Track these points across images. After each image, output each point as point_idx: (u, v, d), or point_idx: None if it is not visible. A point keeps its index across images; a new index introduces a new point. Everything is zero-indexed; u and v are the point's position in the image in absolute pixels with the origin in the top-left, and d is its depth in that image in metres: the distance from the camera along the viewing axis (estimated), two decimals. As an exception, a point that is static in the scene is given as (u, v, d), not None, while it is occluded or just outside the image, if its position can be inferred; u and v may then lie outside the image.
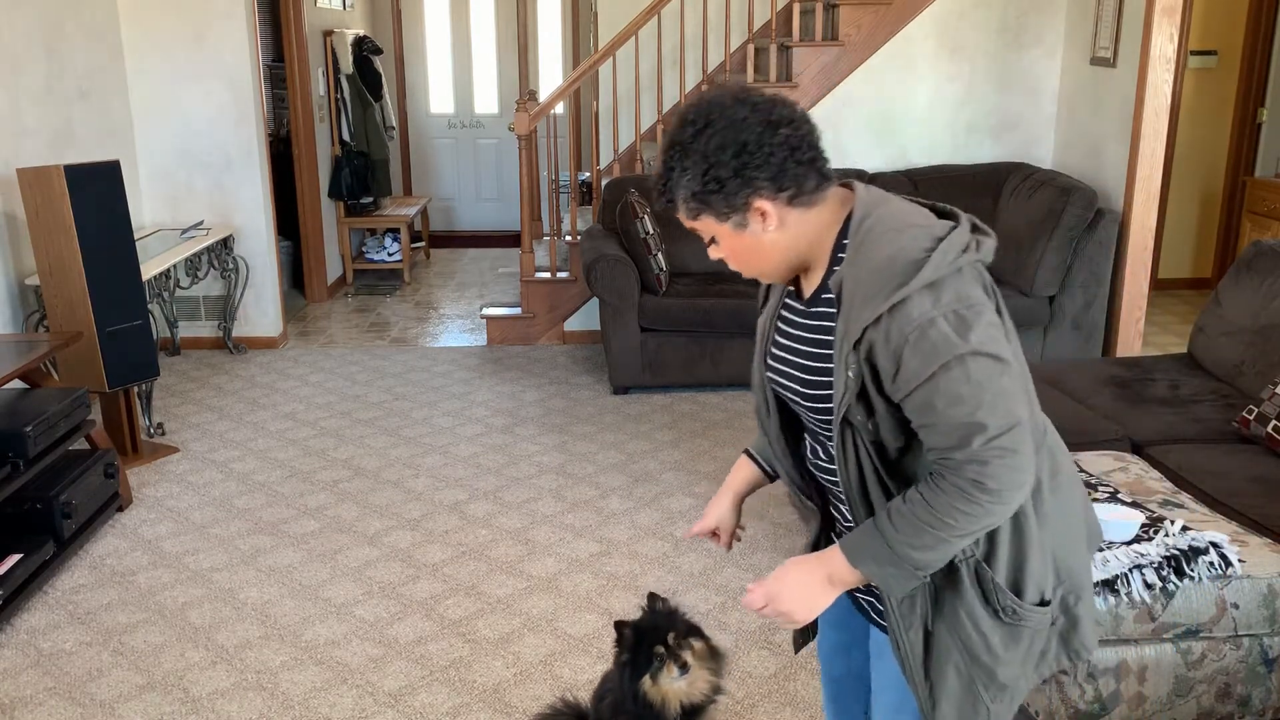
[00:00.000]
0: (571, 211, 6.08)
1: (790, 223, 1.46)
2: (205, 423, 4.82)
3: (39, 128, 4.65)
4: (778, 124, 1.41)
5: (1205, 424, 3.38)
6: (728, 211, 1.44)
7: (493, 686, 2.86)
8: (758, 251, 1.48)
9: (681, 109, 1.48)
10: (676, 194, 1.47)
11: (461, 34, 9.07)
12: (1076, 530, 1.60)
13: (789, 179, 1.42)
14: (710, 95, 1.46)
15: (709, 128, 1.42)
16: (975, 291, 1.39)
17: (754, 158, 1.40)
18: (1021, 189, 5.31)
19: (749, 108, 1.42)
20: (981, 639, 1.50)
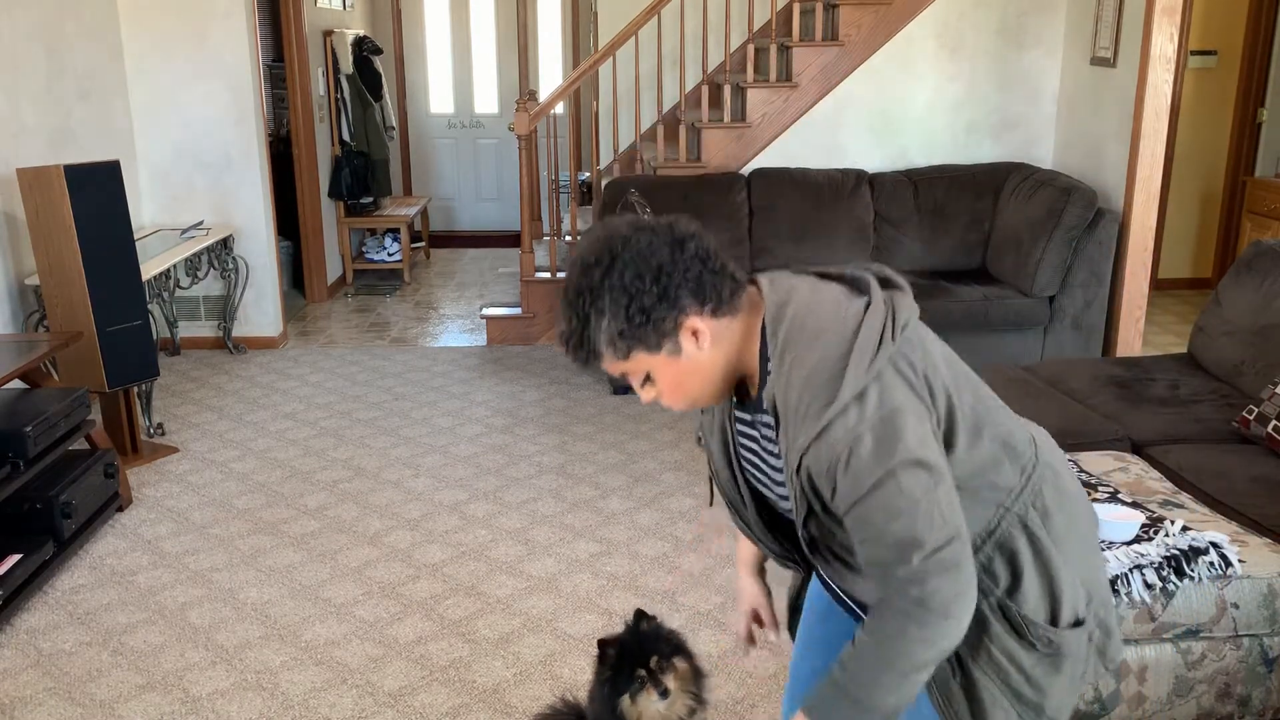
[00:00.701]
0: (571, 211, 6.08)
1: (720, 335, 1.42)
2: (205, 423, 4.82)
3: (39, 128, 4.65)
4: (682, 240, 1.40)
5: (1205, 424, 3.38)
6: (660, 340, 1.39)
7: (493, 686, 2.86)
8: (697, 373, 1.43)
9: (577, 254, 1.43)
10: (598, 341, 1.39)
11: (461, 34, 9.07)
12: (1090, 538, 1.57)
13: (709, 291, 1.40)
14: (603, 233, 1.41)
15: (616, 262, 1.37)
16: (898, 393, 1.34)
17: (673, 278, 1.37)
18: (1021, 189, 5.31)
19: (649, 232, 1.39)
20: (1023, 676, 1.47)
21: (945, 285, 5.13)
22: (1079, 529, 1.54)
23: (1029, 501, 1.47)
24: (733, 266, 1.44)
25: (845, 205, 5.51)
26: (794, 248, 5.49)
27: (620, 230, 1.40)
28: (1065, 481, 1.55)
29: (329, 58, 7.26)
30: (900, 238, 5.52)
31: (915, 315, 1.42)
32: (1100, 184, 5.26)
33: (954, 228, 5.50)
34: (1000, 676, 1.46)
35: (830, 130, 5.75)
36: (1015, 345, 5.10)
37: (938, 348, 1.46)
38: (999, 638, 1.45)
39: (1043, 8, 5.68)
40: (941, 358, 1.45)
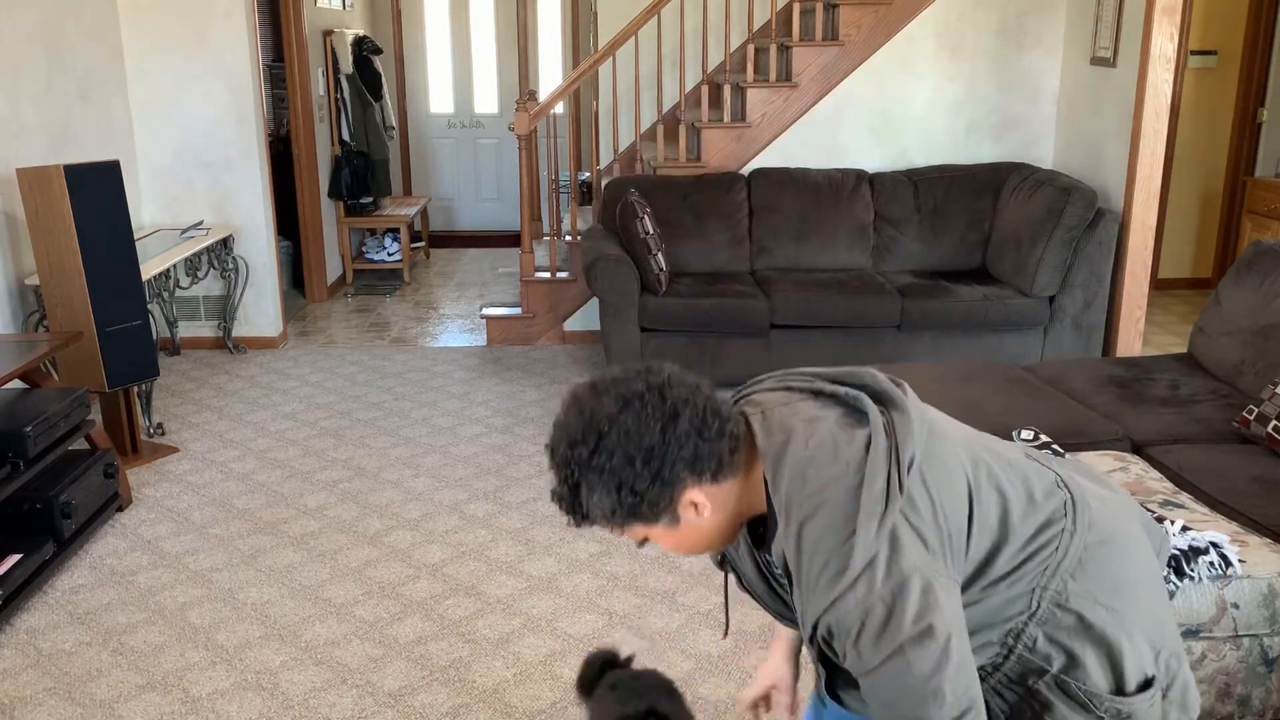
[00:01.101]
0: (571, 211, 6.09)
1: (723, 497, 1.36)
2: (205, 423, 4.82)
3: (39, 128, 4.65)
4: (675, 411, 1.31)
5: (1205, 424, 3.38)
6: (656, 515, 1.34)
7: (493, 686, 2.86)
8: (700, 536, 1.39)
9: (561, 420, 1.35)
10: (591, 511, 1.35)
11: (461, 34, 9.07)
12: (1148, 582, 1.44)
13: (707, 461, 1.32)
14: (588, 403, 1.33)
15: (603, 442, 1.30)
16: (908, 555, 1.26)
17: (666, 458, 1.30)
18: (1021, 189, 5.31)
19: (638, 406, 1.31)
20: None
21: (945, 285, 5.13)
22: (1132, 578, 1.42)
23: (1067, 574, 1.38)
24: (730, 421, 1.35)
25: (845, 205, 5.51)
26: (794, 248, 5.49)
27: (606, 408, 1.31)
28: (1108, 528, 1.43)
29: (329, 58, 7.26)
30: (900, 238, 5.52)
31: (922, 437, 1.32)
32: (1100, 184, 5.26)
33: (954, 228, 5.50)
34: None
35: (830, 130, 5.75)
36: (1015, 345, 5.11)
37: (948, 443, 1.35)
38: (1064, 718, 1.39)
39: (1043, 8, 5.68)
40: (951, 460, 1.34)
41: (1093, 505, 1.43)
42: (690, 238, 5.45)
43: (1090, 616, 1.38)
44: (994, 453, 1.40)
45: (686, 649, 3.02)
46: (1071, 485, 1.44)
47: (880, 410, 1.35)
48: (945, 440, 1.36)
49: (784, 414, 1.38)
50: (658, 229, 5.09)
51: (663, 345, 5.03)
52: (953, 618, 1.27)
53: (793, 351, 5.03)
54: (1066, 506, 1.40)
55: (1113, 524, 1.44)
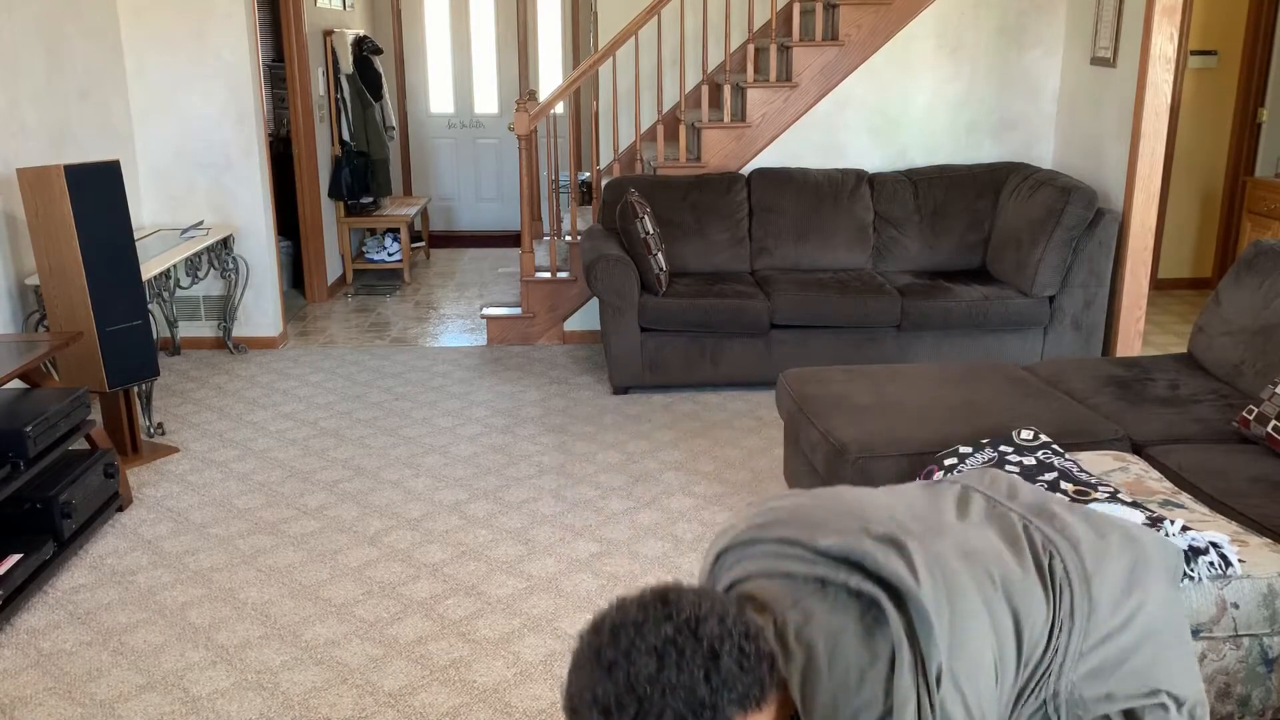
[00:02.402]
0: (571, 211, 6.08)
1: (769, 714, 1.25)
2: (205, 423, 4.83)
3: (39, 128, 4.65)
4: (714, 651, 1.18)
5: (1205, 424, 3.38)
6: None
7: (493, 686, 2.86)
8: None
9: (585, 684, 1.20)
10: None
11: (461, 34, 9.07)
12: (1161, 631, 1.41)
13: (754, 690, 1.20)
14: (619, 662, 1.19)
15: (646, 707, 1.16)
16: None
17: (718, 706, 1.18)
18: (1021, 189, 5.31)
19: (675, 653, 1.17)
20: None
21: (945, 285, 5.13)
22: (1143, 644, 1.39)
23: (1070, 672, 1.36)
24: (761, 638, 1.23)
25: (845, 205, 5.51)
26: (794, 248, 5.50)
27: (644, 667, 1.17)
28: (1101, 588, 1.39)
29: (329, 58, 7.26)
30: (900, 238, 5.52)
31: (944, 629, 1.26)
32: (1100, 184, 5.26)
33: (954, 228, 5.50)
34: None
35: (830, 130, 5.76)
36: (1015, 345, 5.11)
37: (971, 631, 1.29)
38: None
39: (1043, 8, 5.68)
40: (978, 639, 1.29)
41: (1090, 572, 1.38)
42: (690, 238, 5.45)
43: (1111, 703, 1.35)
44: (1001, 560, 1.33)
45: (686, 649, 3.02)
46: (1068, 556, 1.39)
47: (896, 609, 1.27)
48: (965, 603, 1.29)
49: (798, 625, 1.29)
50: (658, 229, 5.09)
51: (663, 344, 5.03)
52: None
53: (793, 351, 5.04)
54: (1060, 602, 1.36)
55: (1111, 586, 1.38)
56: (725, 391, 5.16)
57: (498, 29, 9.01)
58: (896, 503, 1.46)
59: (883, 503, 1.44)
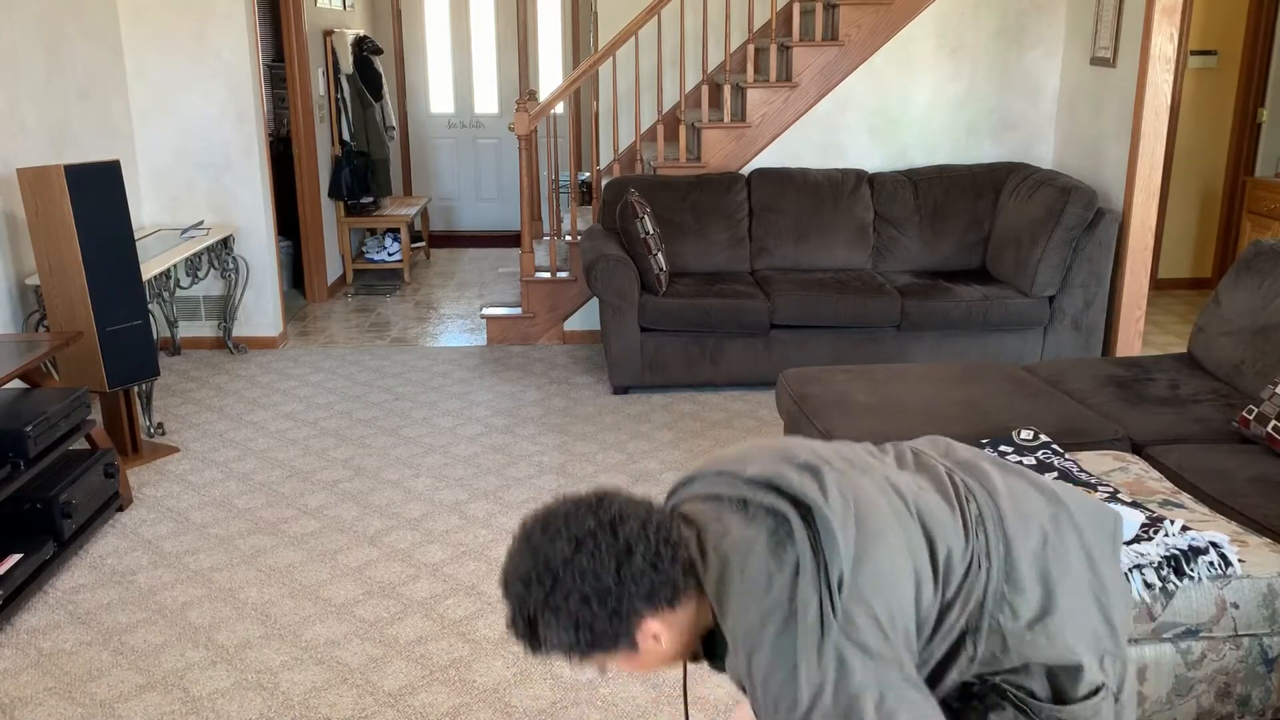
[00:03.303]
0: (571, 211, 6.09)
1: (679, 621, 1.40)
2: (205, 423, 4.83)
3: (39, 128, 4.65)
4: (629, 547, 1.33)
5: (1205, 424, 3.38)
6: (614, 646, 1.37)
7: (493, 686, 2.87)
8: (660, 658, 1.43)
9: (514, 558, 1.37)
10: (550, 648, 1.37)
11: (461, 34, 9.07)
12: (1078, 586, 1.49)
13: (663, 591, 1.35)
14: (542, 544, 1.35)
15: (558, 585, 1.32)
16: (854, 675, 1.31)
17: (623, 596, 1.33)
18: (1021, 189, 5.31)
19: (592, 543, 1.33)
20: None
21: (945, 285, 5.13)
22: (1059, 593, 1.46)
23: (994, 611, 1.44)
24: (681, 546, 1.37)
25: (845, 205, 5.51)
26: (794, 248, 5.50)
27: (560, 550, 1.33)
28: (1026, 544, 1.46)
29: (329, 58, 7.26)
30: (900, 238, 5.52)
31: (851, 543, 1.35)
32: (1100, 184, 5.26)
33: (954, 228, 5.50)
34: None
35: (830, 130, 5.76)
36: (1015, 345, 5.11)
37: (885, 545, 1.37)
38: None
39: (1043, 8, 5.68)
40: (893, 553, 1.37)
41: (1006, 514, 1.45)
42: (690, 238, 5.45)
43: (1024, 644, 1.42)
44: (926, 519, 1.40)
45: (686, 649, 3.02)
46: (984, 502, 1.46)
47: (804, 522, 1.36)
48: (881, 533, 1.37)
49: (717, 536, 1.40)
50: (658, 229, 5.09)
51: (663, 345, 5.03)
52: (912, 700, 1.32)
53: (792, 351, 5.04)
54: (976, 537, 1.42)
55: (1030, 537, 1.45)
56: (725, 391, 5.17)
57: (498, 29, 9.01)
58: (833, 448, 1.54)
59: (818, 446, 1.53)
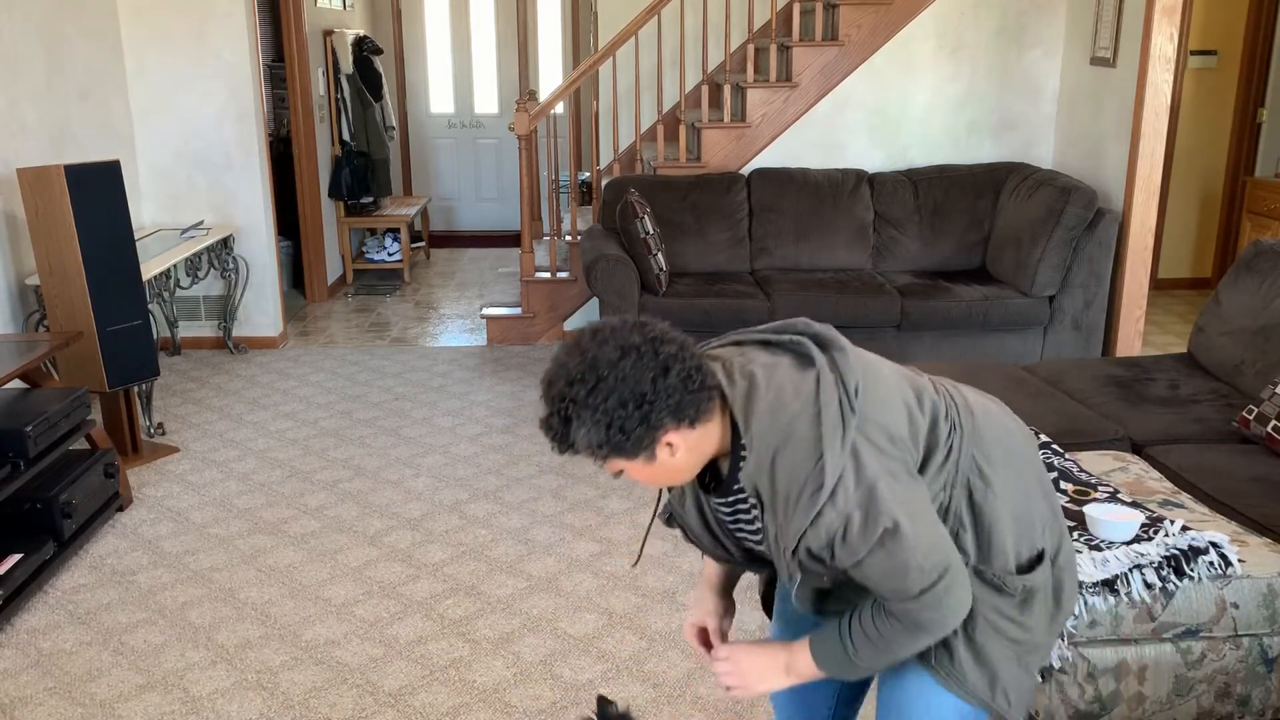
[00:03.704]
0: (571, 211, 6.09)
1: (695, 440, 1.53)
2: (205, 423, 4.83)
3: (39, 128, 4.65)
4: (668, 365, 1.47)
5: (1205, 424, 3.38)
6: (637, 452, 1.50)
7: (493, 686, 2.87)
8: (670, 473, 1.56)
9: (562, 360, 1.51)
10: (578, 445, 1.50)
11: (461, 34, 9.07)
12: (1028, 471, 1.70)
13: (688, 409, 1.49)
14: (590, 348, 1.49)
15: (601, 384, 1.46)
16: (871, 464, 1.49)
17: (655, 405, 1.46)
18: (1021, 189, 5.31)
19: (635, 355, 1.47)
20: (1012, 624, 1.66)
21: (945, 285, 5.13)
22: (1017, 469, 1.67)
23: (967, 471, 1.62)
24: (710, 376, 1.52)
25: (845, 205, 5.51)
26: (794, 248, 5.49)
27: (608, 353, 1.48)
28: (986, 430, 1.67)
29: (329, 58, 7.26)
30: (900, 238, 5.52)
31: (860, 369, 1.55)
32: (1100, 184, 5.26)
33: (954, 228, 5.50)
34: (999, 630, 1.65)
35: (830, 130, 5.76)
36: (1015, 345, 5.11)
37: (887, 378, 1.59)
38: (982, 599, 1.64)
39: (1043, 8, 5.68)
40: (892, 388, 1.58)
41: (975, 412, 1.68)
42: (690, 238, 5.45)
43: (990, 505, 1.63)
44: (912, 381, 1.64)
45: (686, 649, 3.02)
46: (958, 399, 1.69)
47: (822, 351, 1.56)
48: (879, 371, 1.60)
49: (743, 364, 1.57)
50: (658, 229, 5.09)
51: (663, 345, 5.02)
52: (917, 505, 1.52)
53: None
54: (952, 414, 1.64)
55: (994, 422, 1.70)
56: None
57: (498, 29, 9.01)
58: None
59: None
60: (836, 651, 1.62)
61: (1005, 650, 1.66)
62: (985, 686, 1.66)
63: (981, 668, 1.66)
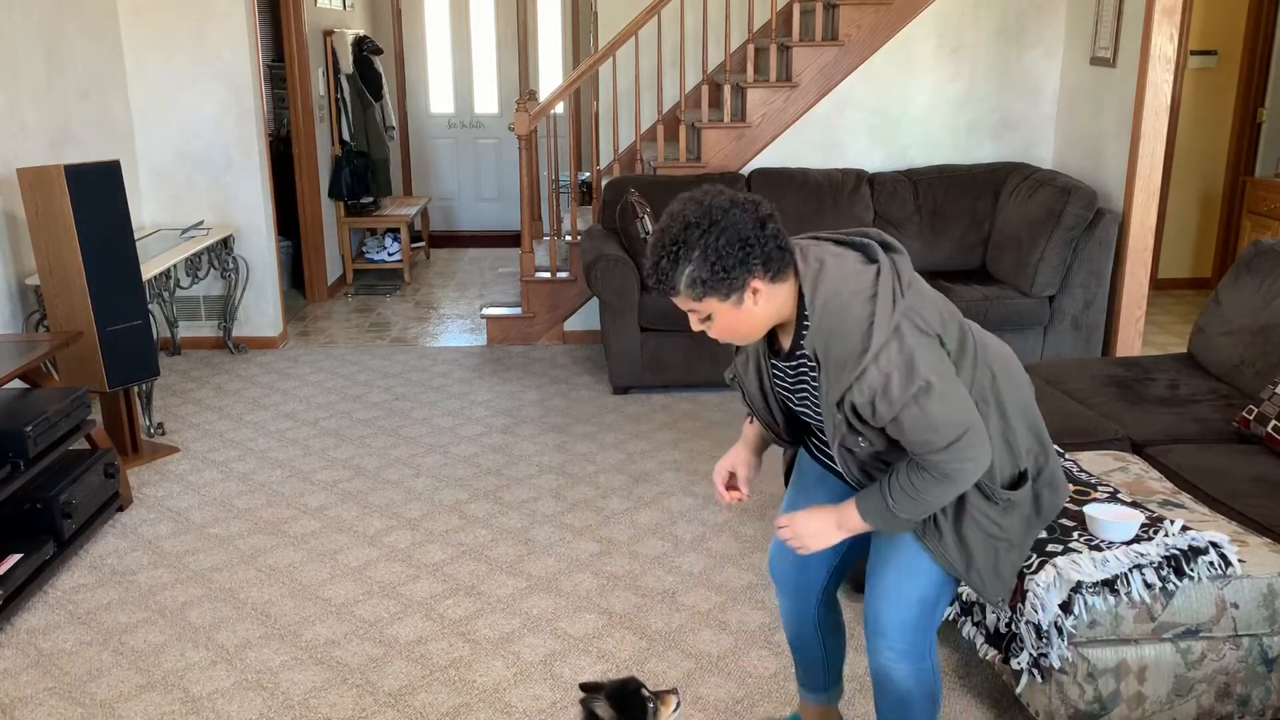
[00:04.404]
0: (571, 211, 6.09)
1: (772, 295, 1.85)
2: (205, 422, 4.83)
3: (39, 128, 4.65)
4: (764, 221, 1.81)
5: (1205, 424, 3.38)
6: (729, 291, 1.81)
7: (493, 686, 2.87)
8: (750, 320, 1.87)
9: (677, 211, 1.83)
10: (679, 282, 1.81)
11: (461, 34, 9.07)
12: (1025, 394, 2.05)
13: (774, 263, 1.82)
14: (707, 200, 1.81)
15: (714, 227, 1.78)
16: (910, 338, 1.81)
17: (753, 250, 1.79)
18: (1021, 189, 5.31)
19: (740, 209, 1.80)
20: (993, 524, 2.01)
21: (945, 285, 5.13)
22: (1015, 399, 2.01)
23: (985, 384, 1.96)
24: (789, 243, 1.86)
25: (845, 205, 5.51)
26: (794, 248, 5.49)
27: (721, 202, 1.81)
28: (996, 363, 2.00)
29: (329, 58, 7.26)
30: (900, 238, 5.51)
31: (912, 271, 1.89)
32: (1100, 184, 5.26)
33: (954, 228, 5.50)
34: (980, 526, 2.01)
35: (830, 130, 5.76)
36: (1015, 345, 5.09)
37: (929, 292, 1.92)
38: (972, 500, 1.99)
39: (1043, 8, 5.68)
40: (932, 299, 1.91)
41: (990, 345, 2.04)
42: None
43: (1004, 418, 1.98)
44: (948, 304, 1.96)
45: (686, 649, 3.02)
46: (977, 334, 2.03)
47: (886, 252, 1.89)
48: (925, 285, 1.93)
49: (817, 252, 1.90)
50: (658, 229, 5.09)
51: (663, 344, 5.03)
52: (946, 372, 1.85)
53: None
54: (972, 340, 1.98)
55: (1001, 355, 2.06)
56: (725, 391, 5.16)
57: (498, 29, 9.01)
58: None
59: None
60: (879, 505, 1.94)
61: (983, 542, 2.02)
62: (961, 563, 2.03)
63: (961, 549, 2.02)
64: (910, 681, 2.12)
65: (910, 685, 2.12)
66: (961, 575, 2.04)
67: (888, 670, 2.13)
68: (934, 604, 2.09)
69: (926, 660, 2.12)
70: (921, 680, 2.12)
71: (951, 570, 2.04)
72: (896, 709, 2.16)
